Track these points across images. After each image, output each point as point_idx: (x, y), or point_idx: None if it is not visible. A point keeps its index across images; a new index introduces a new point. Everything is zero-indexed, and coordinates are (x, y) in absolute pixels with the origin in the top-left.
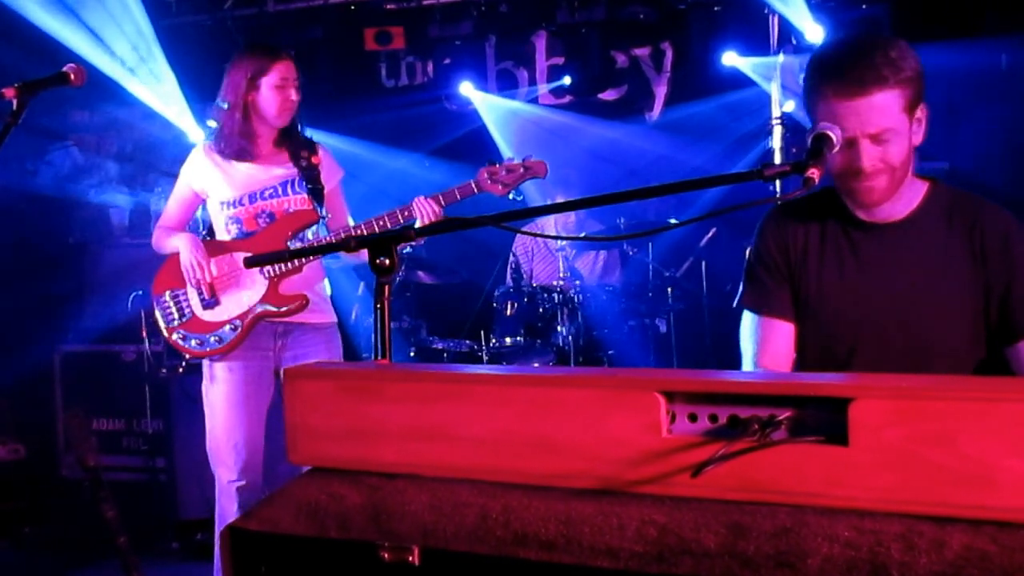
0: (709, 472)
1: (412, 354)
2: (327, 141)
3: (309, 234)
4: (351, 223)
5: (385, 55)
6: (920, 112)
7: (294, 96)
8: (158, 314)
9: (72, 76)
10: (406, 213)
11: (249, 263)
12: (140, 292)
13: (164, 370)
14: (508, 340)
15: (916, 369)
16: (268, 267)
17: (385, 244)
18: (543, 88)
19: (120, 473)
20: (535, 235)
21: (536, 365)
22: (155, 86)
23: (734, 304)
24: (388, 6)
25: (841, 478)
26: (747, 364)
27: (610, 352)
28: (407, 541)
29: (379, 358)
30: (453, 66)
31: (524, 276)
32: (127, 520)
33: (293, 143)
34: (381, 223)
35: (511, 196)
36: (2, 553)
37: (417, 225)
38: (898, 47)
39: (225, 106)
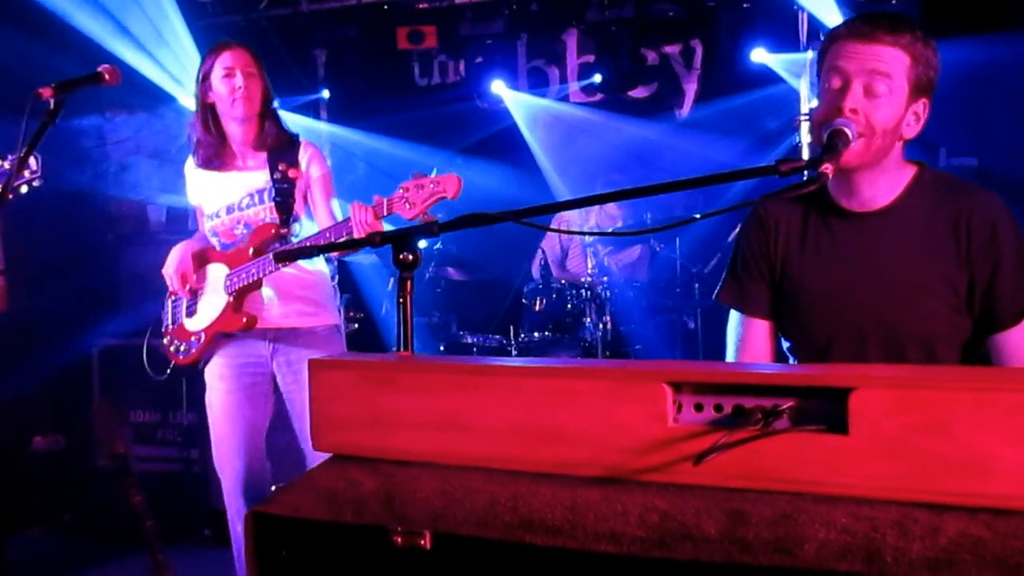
0: (712, 460)
1: (442, 348)
2: (359, 140)
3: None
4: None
5: (417, 54)
6: (921, 107)
7: (240, 82)
8: (162, 316)
9: (106, 76)
10: (349, 226)
11: (278, 256)
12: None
13: (201, 363)
14: (536, 335)
15: (892, 360)
16: (229, 282)
17: (408, 239)
18: (574, 86)
19: (155, 464)
20: (554, 230)
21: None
22: (190, 85)
23: (713, 296)
24: (420, 5)
25: (840, 466)
26: (729, 358)
27: (637, 347)
28: (418, 526)
29: (401, 350)
30: (485, 64)
31: (552, 272)
32: (161, 509)
33: (274, 146)
34: (328, 235)
35: (421, 220)
36: (41, 539)
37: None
38: (924, 35)
39: (191, 120)
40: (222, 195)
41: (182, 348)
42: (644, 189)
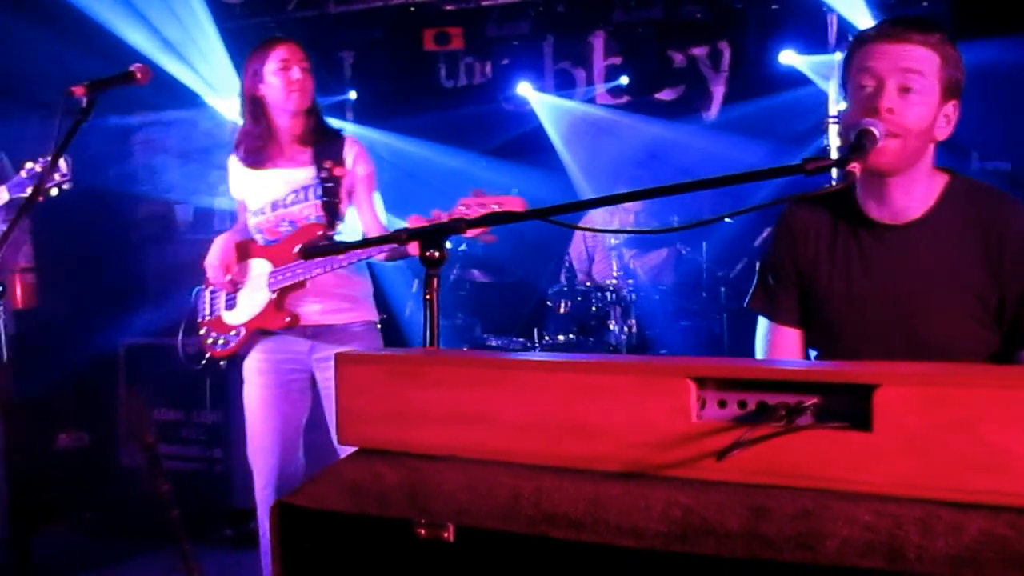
0: (735, 456)
1: (466, 351)
2: (385, 141)
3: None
4: (383, 220)
5: (444, 55)
6: (951, 108)
7: (297, 75)
8: (199, 306)
9: (138, 75)
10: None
11: (306, 253)
12: (202, 287)
13: (223, 363)
14: (561, 338)
15: None
16: (273, 280)
17: (435, 236)
18: (600, 88)
19: (178, 462)
20: (578, 228)
21: None
22: (220, 87)
23: (745, 303)
24: (447, 7)
25: (864, 464)
26: None
27: (662, 352)
28: (442, 519)
29: (428, 346)
30: (511, 66)
31: (578, 275)
32: (183, 508)
33: (318, 142)
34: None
35: (481, 241)
36: (63, 537)
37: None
38: (952, 40)
39: (240, 113)
40: (267, 191)
41: (220, 341)
42: (667, 188)
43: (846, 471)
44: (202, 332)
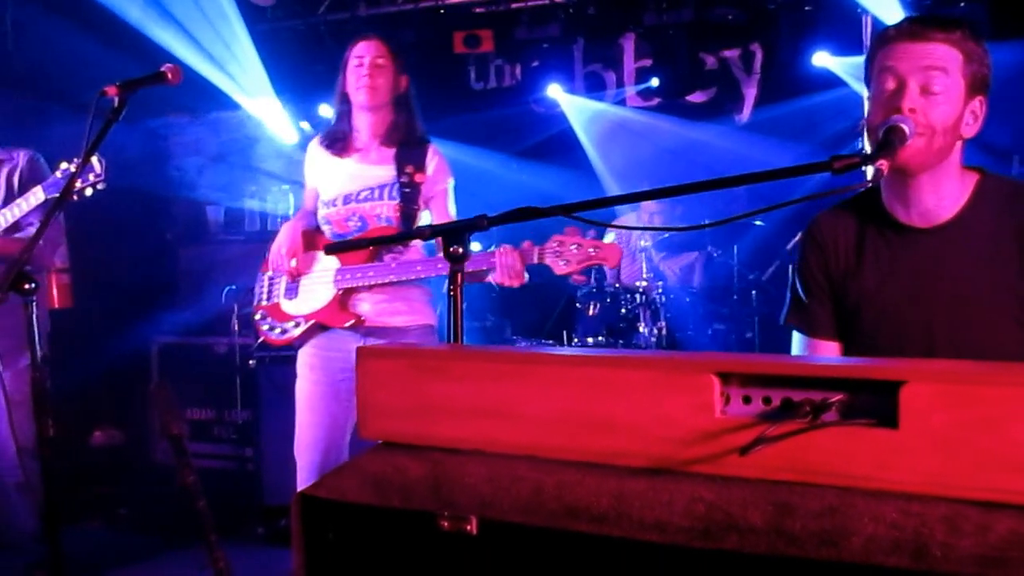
0: (759, 452)
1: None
2: None
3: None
4: None
5: (474, 58)
6: (977, 105)
7: (366, 71)
8: (256, 290)
9: (169, 75)
10: (491, 261)
11: (329, 249)
12: (233, 287)
13: (253, 361)
14: (590, 340)
15: None
16: (340, 277)
17: (458, 233)
18: (630, 90)
19: (210, 460)
20: (606, 225)
21: None
22: (251, 89)
23: (780, 320)
24: (477, 9)
25: (890, 461)
26: None
27: None
28: (465, 511)
29: (451, 342)
30: (541, 69)
31: (608, 276)
32: (214, 506)
33: (403, 144)
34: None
35: (571, 280)
36: (97, 532)
37: (494, 277)
38: (977, 34)
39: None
40: (341, 183)
41: (277, 329)
42: (695, 185)
43: (872, 468)
44: (257, 317)
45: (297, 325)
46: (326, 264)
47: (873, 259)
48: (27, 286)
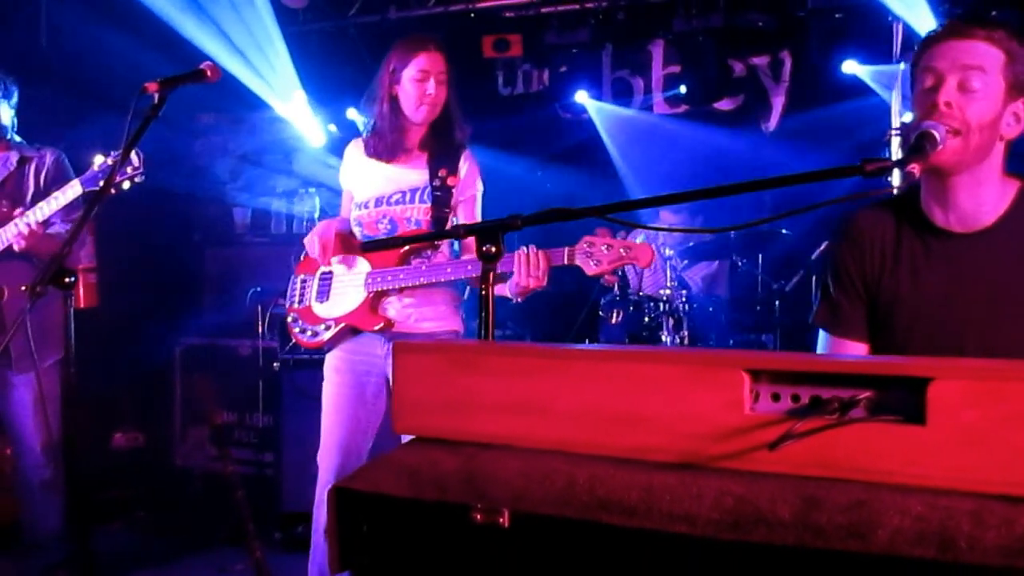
0: (787, 448)
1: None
2: None
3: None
4: None
5: (502, 62)
6: (1020, 106)
7: (431, 90)
8: (288, 292)
9: (208, 73)
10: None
11: (365, 247)
12: (258, 289)
13: (276, 364)
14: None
15: None
16: (371, 280)
17: (492, 232)
18: (658, 96)
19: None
20: (636, 226)
21: None
22: (281, 90)
23: (809, 320)
24: (507, 14)
25: (917, 457)
26: None
27: None
28: (498, 504)
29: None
30: (569, 74)
31: (631, 285)
32: (232, 509)
33: (438, 148)
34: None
35: (602, 281)
36: (117, 535)
37: (512, 281)
38: (1020, 35)
39: (374, 101)
40: (374, 186)
41: (308, 331)
42: (721, 188)
43: (899, 464)
44: (290, 318)
45: (328, 328)
46: (358, 267)
47: (909, 261)
48: (67, 280)
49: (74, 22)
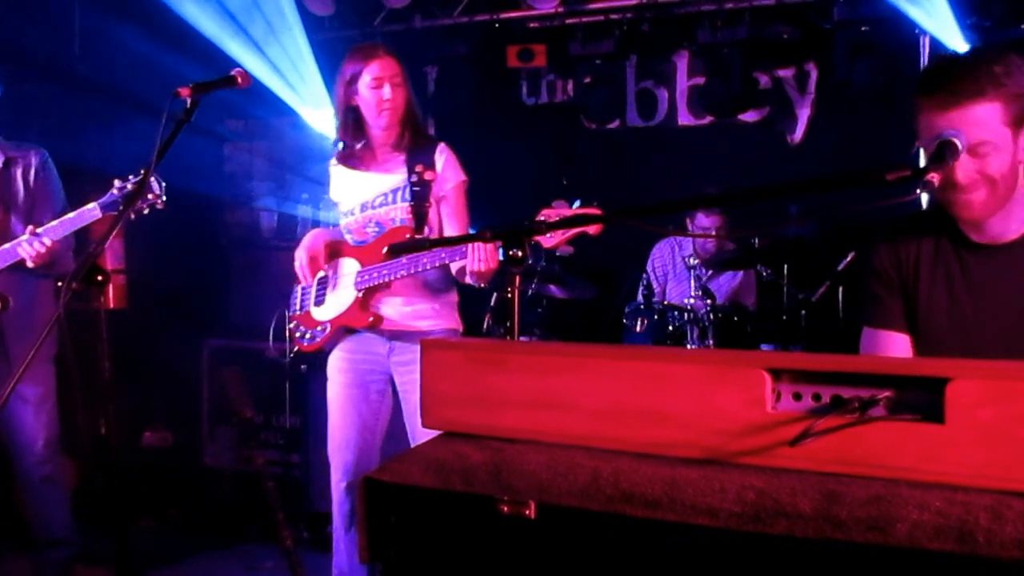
0: (809, 445)
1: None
2: (466, 156)
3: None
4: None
5: (526, 72)
6: None
7: (388, 94)
8: (290, 301)
9: (239, 79)
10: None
11: (393, 250)
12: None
13: (304, 367)
14: None
15: None
16: (359, 279)
17: (518, 237)
18: (682, 108)
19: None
20: (658, 230)
21: None
22: (308, 97)
23: (859, 320)
24: (531, 24)
25: (936, 454)
26: None
27: None
28: (524, 496)
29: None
30: (593, 85)
31: (655, 293)
32: (260, 509)
33: (413, 145)
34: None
35: (558, 252)
36: (147, 532)
37: (469, 264)
38: (1006, 61)
39: (336, 115)
40: (357, 193)
41: (307, 335)
42: (744, 192)
43: (918, 461)
44: (291, 326)
45: (324, 330)
46: (349, 269)
47: (944, 272)
48: (99, 278)
49: (106, 28)
